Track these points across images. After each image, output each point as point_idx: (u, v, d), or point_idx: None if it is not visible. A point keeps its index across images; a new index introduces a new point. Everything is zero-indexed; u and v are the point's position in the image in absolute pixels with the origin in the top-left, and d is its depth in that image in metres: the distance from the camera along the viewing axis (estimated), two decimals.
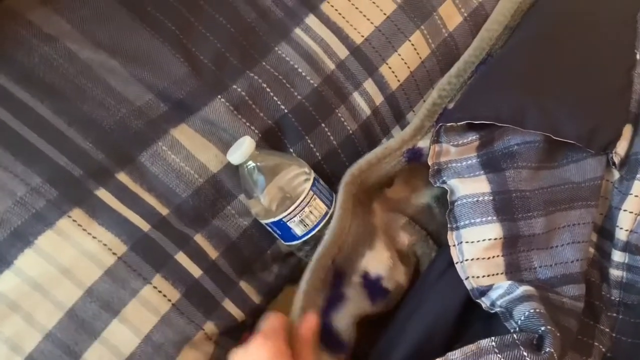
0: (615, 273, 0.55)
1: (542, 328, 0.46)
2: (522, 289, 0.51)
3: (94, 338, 0.48)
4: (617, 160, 0.55)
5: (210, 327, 0.53)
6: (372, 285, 0.58)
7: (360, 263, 0.58)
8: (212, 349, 0.53)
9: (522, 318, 0.48)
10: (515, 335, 0.46)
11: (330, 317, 0.56)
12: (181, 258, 0.53)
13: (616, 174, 0.57)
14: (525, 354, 0.45)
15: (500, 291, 0.52)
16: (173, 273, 0.51)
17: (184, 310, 0.51)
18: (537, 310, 0.48)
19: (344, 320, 0.56)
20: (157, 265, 0.51)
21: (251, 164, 0.54)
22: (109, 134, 0.53)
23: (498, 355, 0.45)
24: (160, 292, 0.50)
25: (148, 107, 0.55)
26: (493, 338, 0.46)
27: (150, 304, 0.50)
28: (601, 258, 0.57)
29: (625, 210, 0.55)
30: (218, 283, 0.54)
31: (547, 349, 0.45)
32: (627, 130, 0.56)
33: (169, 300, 0.51)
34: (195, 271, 0.53)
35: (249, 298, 0.56)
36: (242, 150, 0.53)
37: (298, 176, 0.55)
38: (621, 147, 0.56)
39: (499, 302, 0.51)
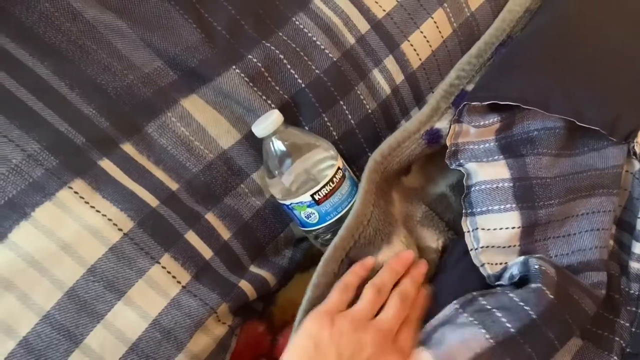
0: (635, 266, 0.54)
1: (536, 266, 0.48)
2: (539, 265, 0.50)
3: (97, 321, 0.44)
4: (638, 150, 0.54)
5: (224, 309, 0.49)
6: None
7: (377, 258, 0.54)
8: (222, 332, 0.50)
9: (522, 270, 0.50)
10: (474, 293, 0.49)
11: None
12: (191, 237, 0.49)
13: (637, 165, 0.56)
14: (484, 303, 0.47)
15: (514, 270, 0.51)
16: (183, 253, 0.48)
17: (196, 292, 0.47)
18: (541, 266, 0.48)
19: None
20: (166, 244, 0.47)
21: (276, 139, 0.51)
22: (115, 100, 0.49)
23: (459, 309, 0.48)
24: (169, 272, 0.46)
25: (157, 75, 0.51)
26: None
27: (159, 285, 0.46)
28: (620, 251, 0.56)
29: None
30: (229, 265, 0.51)
31: (534, 285, 0.46)
32: None
33: (179, 282, 0.47)
34: (206, 252, 0.49)
35: (264, 280, 0.53)
36: (269, 122, 0.50)
37: (324, 158, 0.52)
38: None
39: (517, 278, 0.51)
